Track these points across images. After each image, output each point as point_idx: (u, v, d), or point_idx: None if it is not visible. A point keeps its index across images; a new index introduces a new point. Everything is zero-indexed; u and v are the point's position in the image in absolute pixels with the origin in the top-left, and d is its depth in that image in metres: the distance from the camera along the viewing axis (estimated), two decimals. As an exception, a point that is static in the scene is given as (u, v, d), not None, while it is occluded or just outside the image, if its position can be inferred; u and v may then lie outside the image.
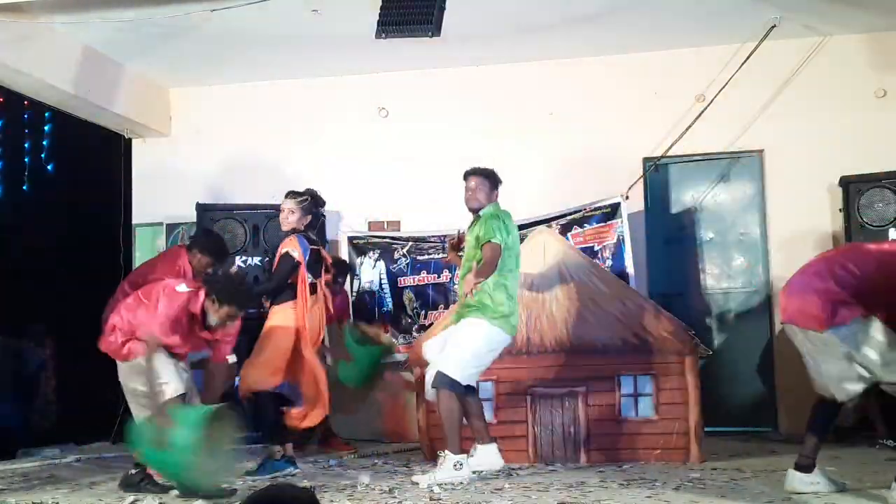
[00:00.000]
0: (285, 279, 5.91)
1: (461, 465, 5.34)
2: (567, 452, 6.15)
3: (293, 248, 5.92)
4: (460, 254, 5.88)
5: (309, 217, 6.08)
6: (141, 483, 5.21)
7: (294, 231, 6.00)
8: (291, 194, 6.08)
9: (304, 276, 5.91)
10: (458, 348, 5.48)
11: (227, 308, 5.06)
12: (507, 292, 5.54)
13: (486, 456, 5.58)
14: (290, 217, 6.01)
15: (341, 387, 7.26)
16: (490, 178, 5.75)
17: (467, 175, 5.79)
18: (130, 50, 7.88)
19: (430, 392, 5.61)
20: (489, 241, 5.48)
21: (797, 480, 4.65)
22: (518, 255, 5.70)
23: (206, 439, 4.80)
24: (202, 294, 5.09)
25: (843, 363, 4.45)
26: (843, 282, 4.49)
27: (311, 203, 6.09)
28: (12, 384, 7.71)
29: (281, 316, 5.91)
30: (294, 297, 5.91)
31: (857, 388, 4.46)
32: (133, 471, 5.26)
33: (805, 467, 4.65)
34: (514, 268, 5.63)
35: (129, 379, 5.17)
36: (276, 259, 6.01)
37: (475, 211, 5.73)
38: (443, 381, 5.43)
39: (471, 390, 5.61)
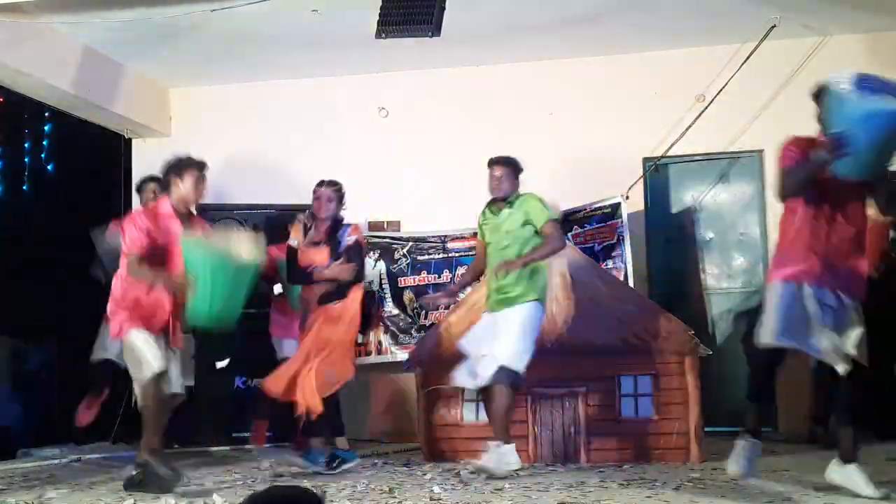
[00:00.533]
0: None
1: (510, 453, 5.49)
2: (567, 452, 6.15)
3: (361, 235, 6.20)
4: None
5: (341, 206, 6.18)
6: (142, 482, 5.21)
7: (335, 220, 6.08)
8: (328, 183, 6.11)
9: None
10: (518, 339, 5.57)
11: (187, 174, 5.25)
12: (542, 269, 5.74)
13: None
14: (330, 205, 6.07)
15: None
16: (516, 168, 5.90)
17: (493, 163, 5.88)
18: (130, 50, 7.88)
19: (467, 380, 5.72)
20: (549, 219, 5.73)
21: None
22: None
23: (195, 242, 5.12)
24: (163, 200, 5.29)
25: None
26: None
27: (343, 193, 6.18)
28: (12, 384, 7.71)
29: (355, 302, 6.01)
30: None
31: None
32: (135, 471, 5.26)
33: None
34: None
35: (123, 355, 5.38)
36: (344, 247, 6.02)
37: (501, 199, 5.84)
38: (507, 376, 5.52)
39: None
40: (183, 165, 5.36)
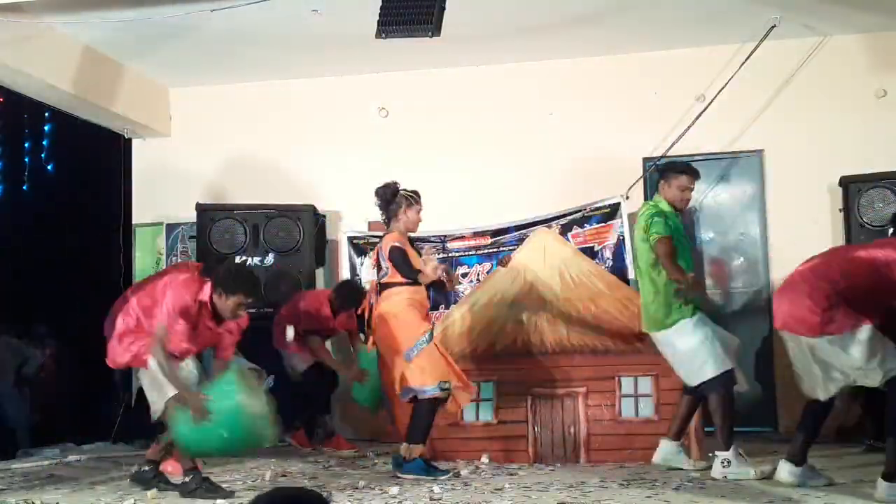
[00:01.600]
0: None
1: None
2: (567, 452, 6.15)
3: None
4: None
5: None
6: (153, 480, 5.19)
7: None
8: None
9: None
10: None
11: (235, 297, 4.99)
12: None
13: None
14: None
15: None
16: None
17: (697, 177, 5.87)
18: (130, 50, 7.88)
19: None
20: None
21: (785, 472, 4.84)
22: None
23: (242, 386, 4.84)
24: (208, 285, 5.02)
25: (825, 367, 4.61)
26: (835, 288, 4.56)
27: None
28: (13, 384, 7.71)
29: None
30: None
31: (835, 388, 4.66)
32: (146, 468, 5.23)
33: (795, 462, 4.84)
34: None
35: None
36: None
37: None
38: None
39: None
40: (236, 290, 5.01)
